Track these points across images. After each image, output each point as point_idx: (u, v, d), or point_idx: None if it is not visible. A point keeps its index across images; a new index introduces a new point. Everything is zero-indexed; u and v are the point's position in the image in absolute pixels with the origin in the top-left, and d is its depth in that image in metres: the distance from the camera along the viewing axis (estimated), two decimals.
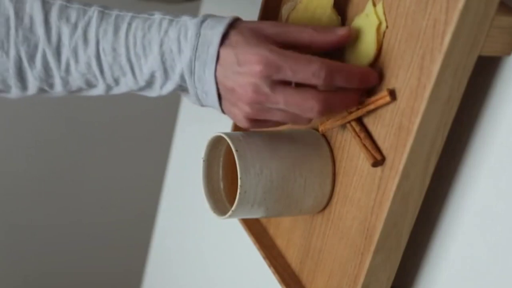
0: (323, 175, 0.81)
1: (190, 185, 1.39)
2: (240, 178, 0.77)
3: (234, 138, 0.78)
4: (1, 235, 1.86)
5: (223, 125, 1.25)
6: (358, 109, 0.76)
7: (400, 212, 0.72)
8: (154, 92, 0.81)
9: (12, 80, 0.81)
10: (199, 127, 1.36)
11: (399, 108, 0.72)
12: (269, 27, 0.74)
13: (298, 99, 0.72)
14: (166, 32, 0.75)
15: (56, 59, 0.80)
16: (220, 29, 0.73)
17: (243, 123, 0.76)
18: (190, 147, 1.41)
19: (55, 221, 1.88)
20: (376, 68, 0.75)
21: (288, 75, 0.71)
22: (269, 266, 0.89)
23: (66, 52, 0.79)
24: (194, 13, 0.79)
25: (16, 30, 0.79)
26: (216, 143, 0.82)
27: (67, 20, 0.78)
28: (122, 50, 0.78)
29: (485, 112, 0.71)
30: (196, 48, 0.74)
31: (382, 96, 0.73)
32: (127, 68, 0.78)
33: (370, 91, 0.76)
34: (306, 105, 0.72)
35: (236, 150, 0.77)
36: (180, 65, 0.76)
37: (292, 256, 0.89)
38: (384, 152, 0.74)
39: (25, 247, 1.90)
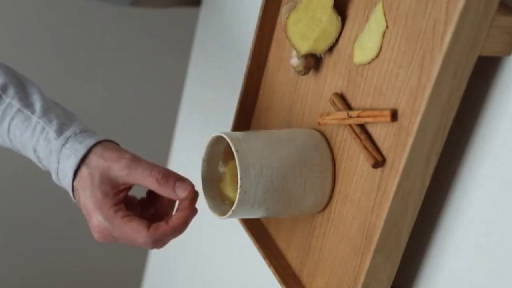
0: (323, 175, 0.81)
1: None
2: (240, 178, 0.77)
3: (234, 138, 0.78)
4: (0, 234, 1.86)
5: (223, 125, 1.25)
6: (358, 116, 0.76)
7: (400, 212, 0.72)
8: None
9: None
10: (199, 127, 1.36)
11: (399, 109, 0.72)
12: (120, 169, 0.80)
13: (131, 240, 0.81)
14: (37, 141, 0.84)
15: None
16: (72, 165, 0.81)
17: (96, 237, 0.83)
18: (190, 147, 1.41)
19: (56, 221, 1.88)
20: (376, 68, 0.75)
21: (122, 243, 0.82)
22: (269, 266, 0.89)
23: None
24: (193, 15, 0.79)
25: None
26: (216, 143, 0.82)
27: None
28: (7, 140, 0.87)
29: (485, 112, 0.71)
30: (58, 172, 0.83)
31: (384, 114, 0.73)
32: (18, 151, 0.88)
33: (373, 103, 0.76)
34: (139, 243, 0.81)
35: (236, 150, 0.77)
36: (52, 171, 0.85)
37: (292, 256, 0.89)
38: (384, 152, 0.74)
39: (25, 246, 1.90)
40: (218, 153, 0.83)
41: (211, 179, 0.84)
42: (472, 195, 0.73)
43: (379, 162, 0.74)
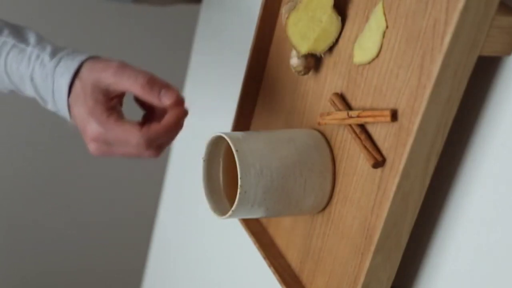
0: (323, 175, 0.81)
1: (190, 185, 1.39)
2: (240, 178, 0.77)
3: (234, 138, 0.78)
4: (0, 234, 1.86)
5: (223, 125, 1.25)
6: (358, 116, 0.76)
7: (400, 212, 0.72)
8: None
9: None
10: (199, 127, 1.36)
11: (399, 109, 0.72)
12: (108, 77, 0.81)
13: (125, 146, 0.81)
14: (33, 69, 0.86)
15: None
16: (66, 81, 0.83)
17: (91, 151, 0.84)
18: (190, 147, 1.41)
19: (56, 221, 1.88)
20: (376, 68, 0.75)
21: (117, 152, 0.82)
22: (269, 266, 0.89)
23: None
24: (193, 15, 0.80)
25: None
26: (216, 143, 0.82)
27: None
28: (5, 78, 0.89)
29: (485, 112, 0.71)
30: (53, 93, 0.85)
31: (384, 114, 0.73)
32: (16, 87, 0.89)
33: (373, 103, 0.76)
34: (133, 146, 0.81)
35: (236, 150, 0.77)
36: (48, 98, 0.87)
37: (292, 256, 0.89)
38: (384, 152, 0.74)
39: (25, 246, 1.90)
40: (218, 153, 0.83)
41: (212, 179, 0.84)
42: (472, 195, 0.73)
43: (379, 162, 0.74)
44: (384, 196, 0.74)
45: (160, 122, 0.80)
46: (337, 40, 0.81)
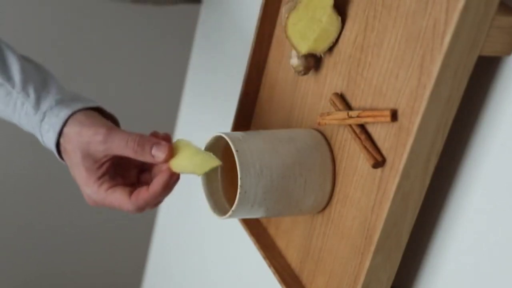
0: (324, 175, 0.81)
1: (190, 185, 1.39)
2: (240, 178, 0.77)
3: (234, 138, 0.78)
4: (1, 235, 1.86)
5: (223, 125, 1.25)
6: (358, 116, 0.76)
7: (400, 212, 0.72)
8: None
9: None
10: (199, 127, 1.36)
11: (399, 109, 0.72)
12: (98, 145, 0.83)
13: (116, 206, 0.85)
14: (19, 116, 0.88)
15: None
16: (53, 140, 0.85)
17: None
18: None
19: (55, 221, 1.88)
20: (376, 68, 0.75)
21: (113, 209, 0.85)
22: (269, 266, 0.89)
23: None
24: (193, 15, 0.80)
25: None
26: (216, 143, 0.82)
27: None
28: None
29: (485, 112, 0.71)
30: (44, 143, 0.87)
31: (384, 114, 0.73)
32: (8, 120, 0.91)
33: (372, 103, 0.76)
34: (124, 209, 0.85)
35: (236, 150, 0.77)
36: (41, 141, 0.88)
37: (292, 256, 0.89)
38: (384, 152, 0.74)
39: (24, 247, 1.90)
40: (218, 153, 0.83)
41: (211, 179, 0.84)
42: (472, 195, 0.73)
43: (379, 162, 0.74)
44: (384, 196, 0.74)
45: (149, 189, 0.82)
46: (337, 40, 0.81)
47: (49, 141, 0.86)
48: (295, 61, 0.83)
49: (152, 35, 1.68)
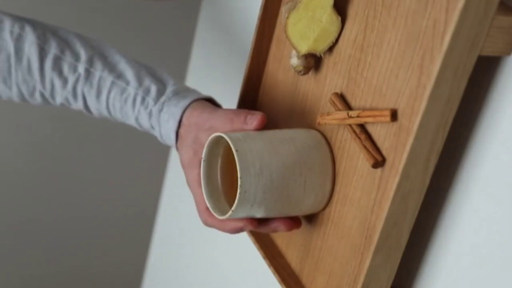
0: (323, 175, 0.81)
1: None
2: (240, 177, 0.77)
3: (234, 138, 0.78)
4: (1, 234, 1.86)
5: None
6: (358, 116, 0.76)
7: (400, 212, 0.72)
8: None
9: (17, 100, 0.97)
10: None
11: (399, 109, 0.72)
12: (204, 124, 0.86)
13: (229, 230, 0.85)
14: (139, 111, 0.91)
15: (52, 99, 0.94)
16: (173, 128, 0.89)
17: None
18: None
19: (55, 221, 1.88)
20: (376, 68, 0.75)
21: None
22: (269, 266, 0.89)
23: (59, 98, 0.93)
24: (194, 15, 0.80)
25: (16, 70, 0.92)
26: (216, 143, 0.82)
27: (60, 73, 0.92)
28: (105, 112, 0.93)
29: (485, 112, 0.71)
30: (161, 135, 0.91)
31: (384, 114, 0.73)
32: (116, 119, 0.94)
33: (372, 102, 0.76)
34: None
35: (236, 150, 0.77)
36: (155, 134, 0.92)
37: (292, 256, 0.89)
38: (384, 152, 0.74)
39: (24, 246, 1.90)
40: (218, 153, 0.83)
41: (211, 179, 0.84)
42: (472, 195, 0.73)
43: (379, 162, 0.74)
44: (384, 196, 0.74)
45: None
46: (337, 40, 0.81)
47: (168, 130, 0.89)
48: (295, 61, 0.83)
49: (152, 34, 1.68)
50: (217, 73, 1.30)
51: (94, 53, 0.93)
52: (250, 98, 0.95)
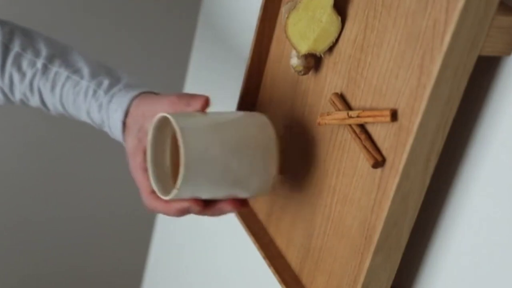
0: (268, 155, 0.81)
1: None
2: (184, 155, 0.76)
3: (178, 118, 0.78)
4: (0, 234, 1.86)
5: None
6: (358, 116, 0.76)
7: (400, 212, 0.72)
8: None
9: None
10: None
11: (399, 109, 0.72)
12: (148, 112, 0.87)
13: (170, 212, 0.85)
14: (90, 103, 0.92)
15: (12, 95, 0.97)
16: (120, 117, 0.89)
17: None
18: None
19: (55, 221, 1.88)
20: (376, 68, 0.75)
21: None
22: (269, 266, 0.89)
23: (18, 94, 0.96)
24: (193, 14, 0.80)
25: None
26: (164, 127, 0.83)
27: (19, 68, 0.94)
28: (59, 106, 0.95)
29: (485, 112, 0.71)
30: (110, 127, 0.92)
31: (384, 114, 0.73)
32: (70, 114, 0.96)
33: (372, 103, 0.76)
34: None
35: (180, 128, 0.77)
36: (104, 128, 0.93)
37: (292, 256, 0.89)
38: (384, 152, 0.74)
39: (24, 246, 1.90)
40: (167, 137, 0.84)
41: (159, 162, 0.84)
42: (472, 195, 0.73)
43: (379, 162, 0.74)
44: (384, 196, 0.74)
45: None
46: (337, 40, 0.81)
47: (115, 121, 0.89)
48: (295, 61, 0.83)
49: (152, 35, 1.68)
50: (217, 73, 1.30)
51: (55, 52, 0.95)
52: (250, 98, 0.95)
